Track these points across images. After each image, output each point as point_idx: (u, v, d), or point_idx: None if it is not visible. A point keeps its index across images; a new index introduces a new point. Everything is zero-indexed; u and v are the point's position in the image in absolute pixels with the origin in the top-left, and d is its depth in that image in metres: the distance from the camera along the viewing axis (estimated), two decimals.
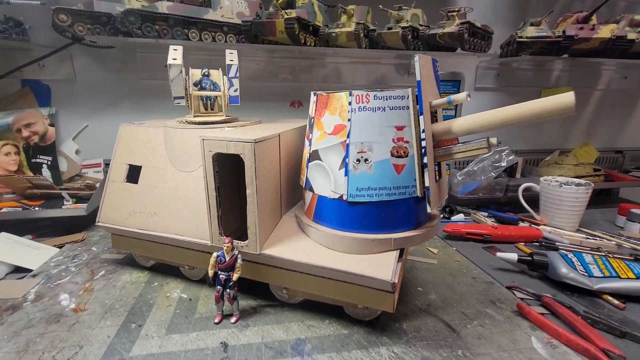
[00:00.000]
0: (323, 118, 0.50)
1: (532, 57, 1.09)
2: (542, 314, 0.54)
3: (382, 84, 1.22)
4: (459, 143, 0.48)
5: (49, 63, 1.00)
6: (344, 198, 0.48)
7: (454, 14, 0.99)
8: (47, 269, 0.67)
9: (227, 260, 0.51)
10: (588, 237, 0.84)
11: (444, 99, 0.45)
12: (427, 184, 0.46)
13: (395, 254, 0.49)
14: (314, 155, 0.51)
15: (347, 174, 0.48)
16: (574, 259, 0.64)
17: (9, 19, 0.89)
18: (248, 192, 0.49)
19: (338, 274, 0.49)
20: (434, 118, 0.50)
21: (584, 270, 0.62)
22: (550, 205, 0.90)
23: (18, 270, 0.67)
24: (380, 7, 0.98)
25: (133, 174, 0.63)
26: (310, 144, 0.52)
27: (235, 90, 0.66)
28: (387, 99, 0.46)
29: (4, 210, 0.82)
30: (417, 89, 0.44)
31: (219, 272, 0.51)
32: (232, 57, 0.65)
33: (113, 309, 0.55)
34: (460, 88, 1.04)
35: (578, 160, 1.17)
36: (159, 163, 0.61)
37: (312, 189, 0.52)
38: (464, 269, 0.71)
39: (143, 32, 0.87)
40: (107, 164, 1.07)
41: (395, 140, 0.46)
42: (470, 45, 1.02)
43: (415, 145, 0.46)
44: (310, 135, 0.52)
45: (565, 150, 1.30)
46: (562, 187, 0.87)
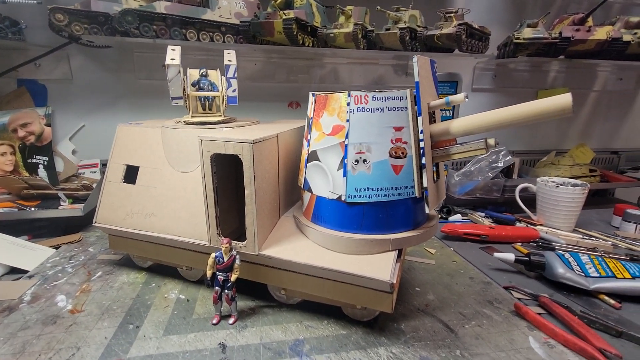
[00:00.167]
0: (322, 119, 0.50)
1: (528, 58, 1.10)
2: (539, 314, 0.54)
3: (379, 85, 1.23)
4: (457, 144, 0.48)
5: (46, 63, 0.99)
6: (343, 199, 0.48)
7: (452, 15, 0.99)
8: (43, 270, 0.67)
9: (225, 261, 0.50)
10: (584, 237, 0.84)
11: (442, 100, 0.45)
12: (425, 185, 0.46)
13: (394, 255, 0.49)
14: (313, 156, 0.51)
15: (345, 175, 0.48)
16: (571, 259, 0.64)
17: (5, 18, 0.89)
18: (246, 192, 0.49)
19: (336, 275, 0.49)
20: (432, 119, 0.50)
21: (581, 270, 0.62)
22: (547, 206, 0.90)
23: (14, 272, 0.66)
24: (378, 8, 0.99)
25: (130, 175, 0.63)
26: (309, 145, 0.52)
27: (234, 91, 0.66)
28: (385, 100, 0.46)
29: (0, 211, 0.81)
30: (415, 90, 0.44)
31: (217, 272, 0.51)
32: (230, 57, 0.65)
33: (110, 310, 0.55)
34: (458, 89, 1.05)
35: (574, 161, 1.18)
36: (157, 163, 0.61)
37: (310, 190, 0.52)
38: (462, 269, 0.71)
39: (140, 32, 0.87)
40: (104, 165, 1.07)
41: (394, 141, 0.46)
42: (468, 47, 1.02)
43: (414, 146, 0.46)
44: (309, 136, 0.52)
45: (562, 151, 1.31)
46: (558, 187, 0.88)
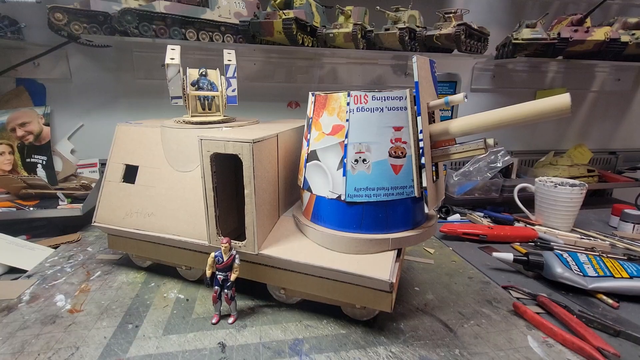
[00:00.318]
0: (321, 118, 0.50)
1: (527, 58, 1.10)
2: (537, 313, 0.54)
3: (379, 85, 1.23)
4: (456, 144, 0.48)
5: (44, 62, 0.99)
6: (342, 198, 0.48)
7: (451, 16, 1.00)
8: (42, 270, 0.66)
9: (224, 261, 0.50)
10: (582, 237, 0.85)
11: (442, 100, 0.45)
12: (424, 185, 0.46)
13: (393, 254, 0.49)
14: (312, 156, 0.51)
15: (345, 174, 0.48)
16: (569, 259, 0.65)
17: (4, 18, 0.89)
18: (246, 192, 0.49)
19: (336, 274, 0.49)
20: (432, 119, 0.50)
21: (579, 270, 0.62)
22: (545, 206, 0.91)
23: (12, 271, 0.66)
24: (378, 8, 0.99)
25: (130, 174, 0.63)
26: (309, 144, 0.52)
27: (233, 90, 0.66)
28: (385, 100, 0.46)
29: None
30: (414, 90, 0.44)
31: (217, 272, 0.51)
32: (230, 57, 0.65)
33: (109, 310, 0.55)
34: (457, 89, 1.05)
35: (572, 161, 1.19)
36: (156, 163, 0.61)
37: (310, 189, 0.52)
38: (461, 269, 0.71)
39: (140, 31, 0.86)
40: (102, 164, 1.07)
41: (393, 141, 0.46)
42: (467, 47, 1.02)
43: (413, 146, 0.47)
44: (309, 136, 0.52)
45: (560, 151, 1.32)
46: (556, 187, 0.88)
